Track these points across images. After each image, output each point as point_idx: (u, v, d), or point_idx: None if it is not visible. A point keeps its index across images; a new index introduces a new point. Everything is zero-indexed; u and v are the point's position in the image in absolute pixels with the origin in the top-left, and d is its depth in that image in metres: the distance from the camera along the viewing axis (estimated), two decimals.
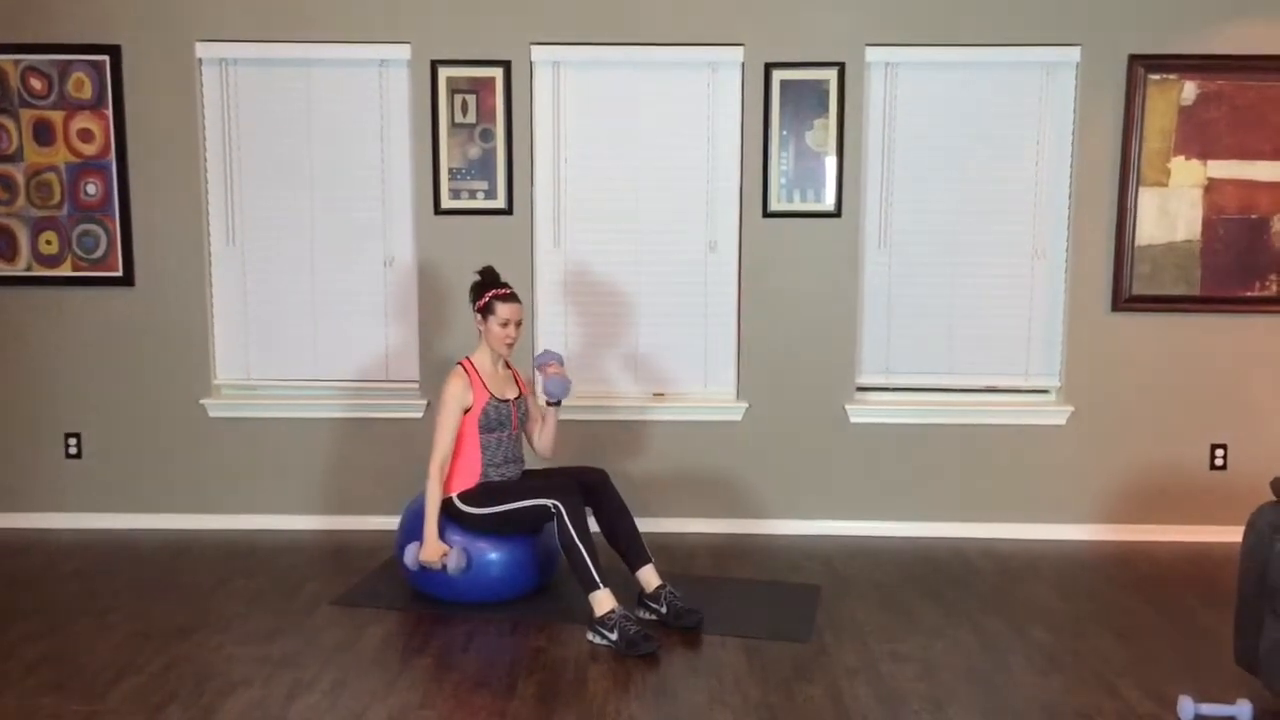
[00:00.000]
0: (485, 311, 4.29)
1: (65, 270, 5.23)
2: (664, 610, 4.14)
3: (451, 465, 4.30)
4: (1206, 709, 3.34)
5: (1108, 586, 4.63)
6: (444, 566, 4.17)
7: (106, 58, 5.11)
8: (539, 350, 4.22)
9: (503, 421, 4.33)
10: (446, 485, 4.28)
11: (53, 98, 5.15)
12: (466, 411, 4.27)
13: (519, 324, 4.32)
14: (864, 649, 3.92)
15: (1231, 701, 3.41)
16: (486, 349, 4.35)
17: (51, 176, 5.19)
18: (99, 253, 5.22)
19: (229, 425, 5.33)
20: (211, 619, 4.17)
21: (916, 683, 3.64)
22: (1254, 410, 5.25)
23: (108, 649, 3.87)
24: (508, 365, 4.47)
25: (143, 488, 5.36)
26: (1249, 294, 5.17)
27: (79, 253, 5.22)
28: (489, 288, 4.31)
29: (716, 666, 3.77)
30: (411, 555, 4.23)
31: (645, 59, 5.15)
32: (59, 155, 5.18)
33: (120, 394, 5.31)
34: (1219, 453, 5.28)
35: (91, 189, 5.19)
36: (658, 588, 4.19)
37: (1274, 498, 3.48)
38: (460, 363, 4.34)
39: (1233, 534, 5.18)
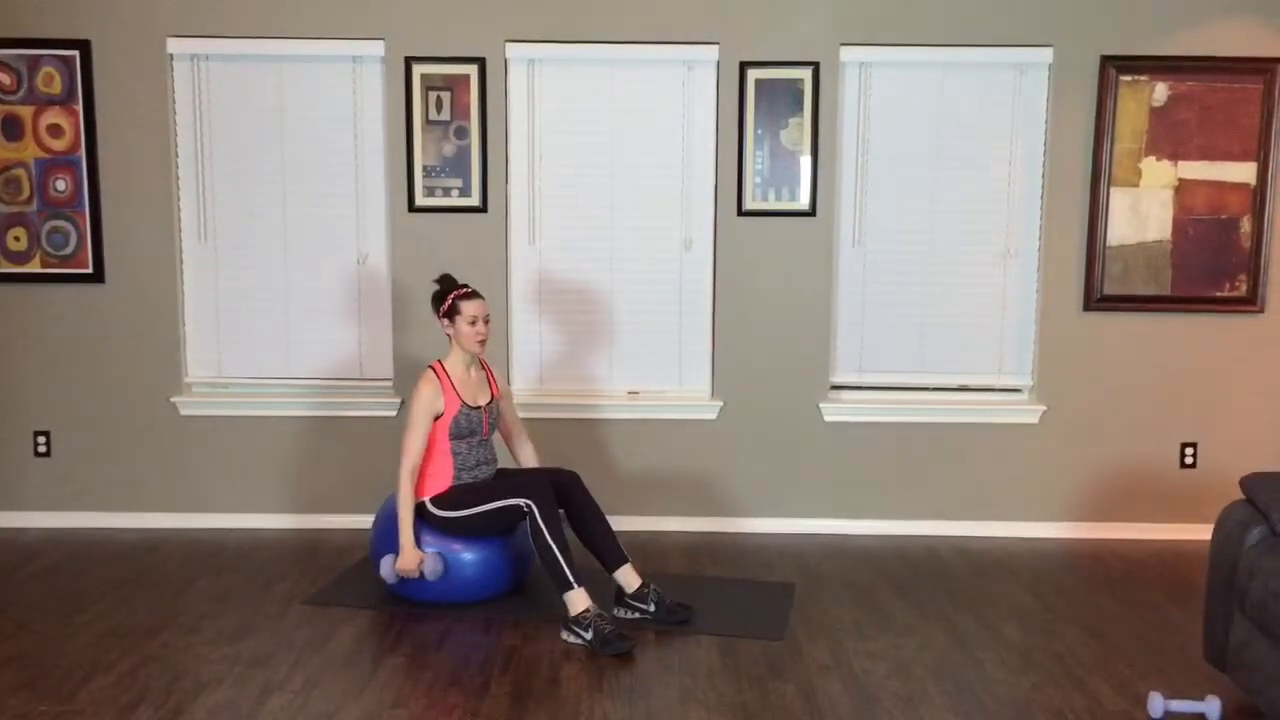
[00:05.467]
0: (451, 314, 4.26)
1: (34, 267, 5.18)
2: (652, 609, 4.13)
3: (423, 469, 4.28)
4: (1176, 705, 3.37)
5: (1079, 584, 4.66)
6: (422, 574, 4.16)
7: (76, 53, 5.06)
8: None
9: (474, 429, 4.31)
10: (418, 489, 4.26)
11: (22, 92, 5.09)
12: (437, 418, 4.25)
13: (487, 320, 4.30)
14: (837, 647, 3.93)
15: (1201, 698, 3.44)
16: (458, 353, 4.32)
17: (20, 172, 5.13)
18: (68, 249, 5.17)
19: (200, 423, 5.29)
20: (182, 618, 4.14)
21: (889, 680, 3.66)
22: (1224, 409, 5.30)
23: (76, 648, 3.84)
24: (482, 366, 4.46)
25: (113, 486, 5.31)
26: (1219, 294, 5.21)
27: (48, 249, 5.17)
28: (449, 291, 4.30)
29: (690, 664, 3.77)
30: (388, 568, 4.20)
31: (620, 57, 5.14)
32: (28, 151, 5.12)
33: (90, 392, 5.26)
34: (1189, 451, 5.32)
35: (61, 185, 5.14)
36: (641, 587, 4.17)
37: (1243, 496, 3.51)
38: (431, 366, 4.31)
39: (1202, 532, 5.22)
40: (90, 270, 5.18)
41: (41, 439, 5.29)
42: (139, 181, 5.16)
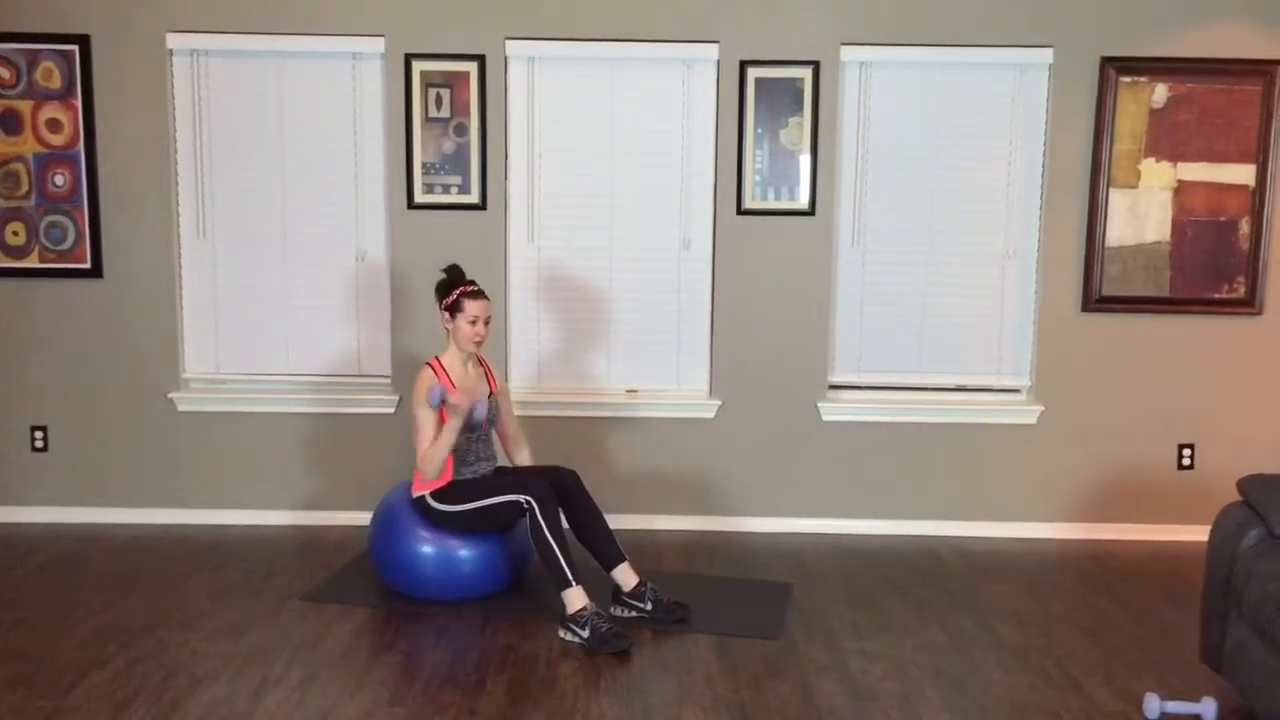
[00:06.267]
0: (453, 309, 4.25)
1: (32, 262, 5.17)
2: (649, 607, 4.13)
3: None
4: (1172, 706, 3.37)
5: (1076, 585, 4.66)
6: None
7: (76, 47, 5.05)
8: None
9: (472, 423, 4.30)
10: (418, 485, 4.26)
11: (21, 87, 5.09)
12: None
13: (488, 321, 4.29)
14: (834, 646, 3.93)
15: (1197, 699, 3.44)
16: (455, 349, 4.32)
17: (19, 167, 5.12)
18: (67, 244, 5.16)
19: (197, 420, 5.29)
20: (178, 614, 4.14)
21: (886, 680, 3.66)
22: (1221, 411, 5.30)
23: (73, 644, 3.83)
24: (480, 362, 4.45)
25: (110, 482, 5.30)
26: (1217, 295, 5.21)
27: (46, 244, 5.16)
28: (456, 285, 4.27)
29: (687, 663, 3.77)
30: (480, 411, 4.23)
31: (621, 55, 5.13)
32: (27, 145, 5.12)
33: (88, 387, 5.25)
34: (1186, 452, 5.32)
35: (60, 180, 5.13)
36: (638, 585, 4.17)
37: (1240, 498, 3.52)
38: (429, 363, 4.31)
39: (1199, 533, 5.22)
40: (88, 265, 5.17)
41: (39, 434, 5.29)
42: (137, 177, 5.15)
